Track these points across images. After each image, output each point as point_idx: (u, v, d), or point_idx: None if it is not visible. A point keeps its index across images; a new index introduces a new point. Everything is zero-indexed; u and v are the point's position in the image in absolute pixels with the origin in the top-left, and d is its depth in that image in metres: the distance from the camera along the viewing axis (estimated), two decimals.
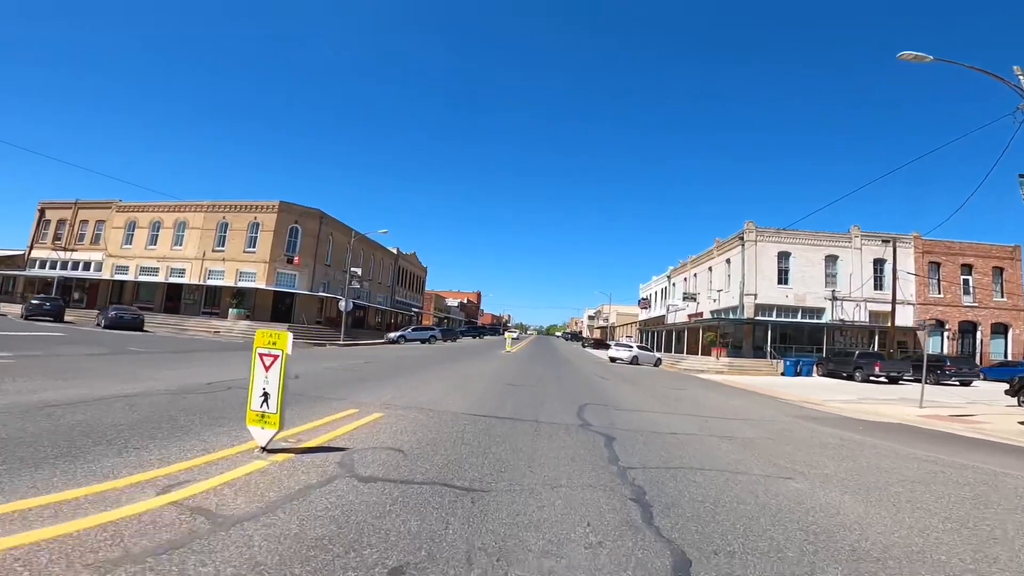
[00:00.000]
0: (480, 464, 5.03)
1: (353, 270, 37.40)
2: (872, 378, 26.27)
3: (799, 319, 36.03)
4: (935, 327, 34.72)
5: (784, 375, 29.76)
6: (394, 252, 61.36)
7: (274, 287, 38.72)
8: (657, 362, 34.12)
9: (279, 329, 5.57)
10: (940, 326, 36.96)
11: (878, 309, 36.85)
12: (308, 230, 41.00)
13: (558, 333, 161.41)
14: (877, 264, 37.47)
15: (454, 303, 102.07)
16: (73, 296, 43.93)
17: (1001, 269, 38.65)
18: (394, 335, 42.34)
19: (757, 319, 35.09)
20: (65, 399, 6.60)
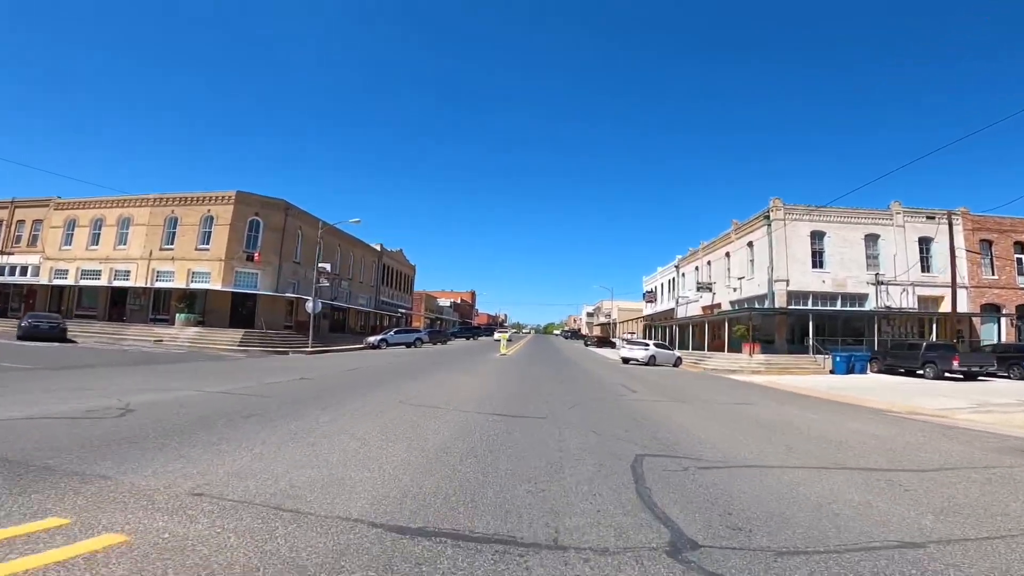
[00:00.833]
0: None
1: (321, 266, 32.37)
2: (948, 374, 21.56)
3: (839, 307, 31.20)
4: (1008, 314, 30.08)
5: (833, 373, 24.96)
6: (377, 249, 56.27)
7: (231, 288, 33.59)
8: (677, 361, 29.25)
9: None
10: (997, 311, 32.34)
11: (927, 294, 32.15)
12: (271, 223, 35.87)
13: (556, 331, 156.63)
14: (923, 243, 32.75)
15: (446, 303, 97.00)
16: (11, 304, 38.74)
17: None
18: (374, 339, 37.31)
19: (790, 308, 30.25)
20: None
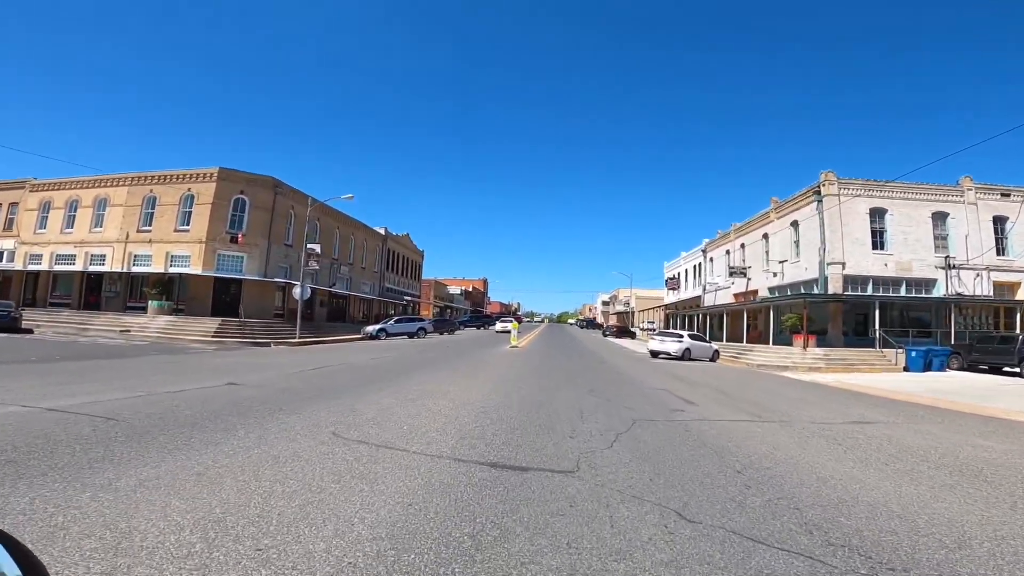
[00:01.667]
0: None
1: (310, 247, 28.91)
2: None
3: (903, 293, 27.00)
4: None
5: (907, 370, 20.96)
6: (381, 233, 52.82)
7: (213, 273, 30.32)
8: (714, 355, 25.40)
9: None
10: None
11: (1002, 279, 27.85)
12: (258, 202, 32.46)
13: (571, 320, 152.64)
14: (997, 223, 28.40)
15: (457, 291, 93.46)
16: None
17: None
18: (372, 328, 33.95)
19: (848, 295, 26.15)
20: None
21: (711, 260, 47.05)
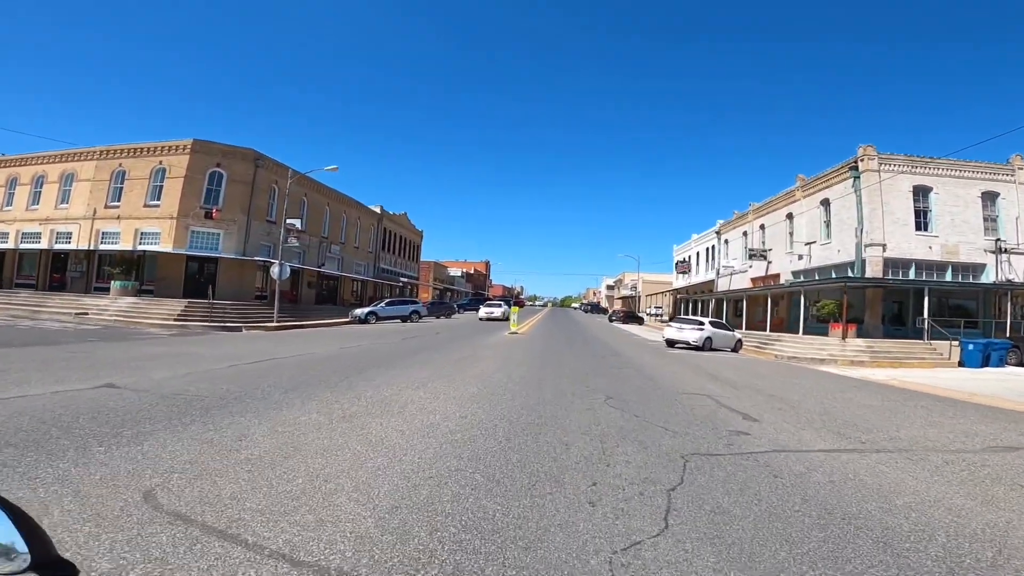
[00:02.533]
0: None
1: (290, 223, 26.24)
2: None
3: (948, 279, 24.20)
4: None
5: (963, 366, 18.33)
6: (376, 211, 50.03)
7: (186, 250, 27.75)
8: (737, 345, 22.78)
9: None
10: None
11: None
12: (237, 175, 29.74)
13: (575, 305, 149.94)
14: None
15: (458, 273, 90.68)
16: None
17: None
18: (361, 312, 31.40)
19: (894, 280, 23.39)
20: None
21: (726, 242, 44.19)
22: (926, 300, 21.52)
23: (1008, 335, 20.81)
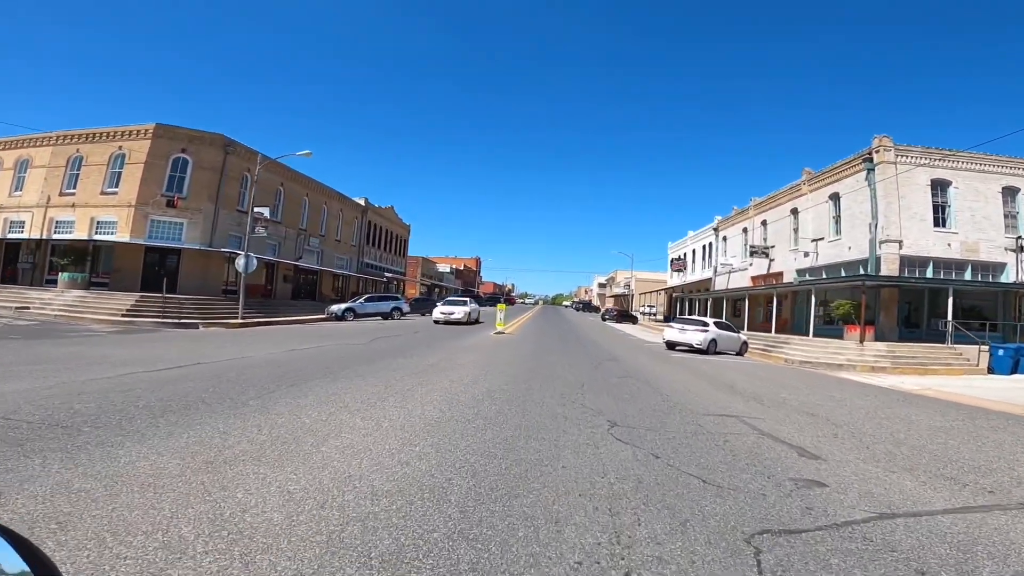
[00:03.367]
0: None
1: (257, 211, 24.11)
2: None
3: (967, 278, 22.59)
4: None
5: (992, 372, 16.67)
6: (360, 203, 47.84)
7: (144, 240, 25.53)
8: (742, 348, 21.04)
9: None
10: None
11: None
12: (204, 162, 27.53)
13: (566, 303, 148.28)
14: None
15: (447, 269, 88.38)
16: None
17: None
18: (337, 308, 29.33)
19: (911, 279, 21.73)
20: None
21: (724, 239, 42.54)
22: (950, 301, 19.86)
23: None
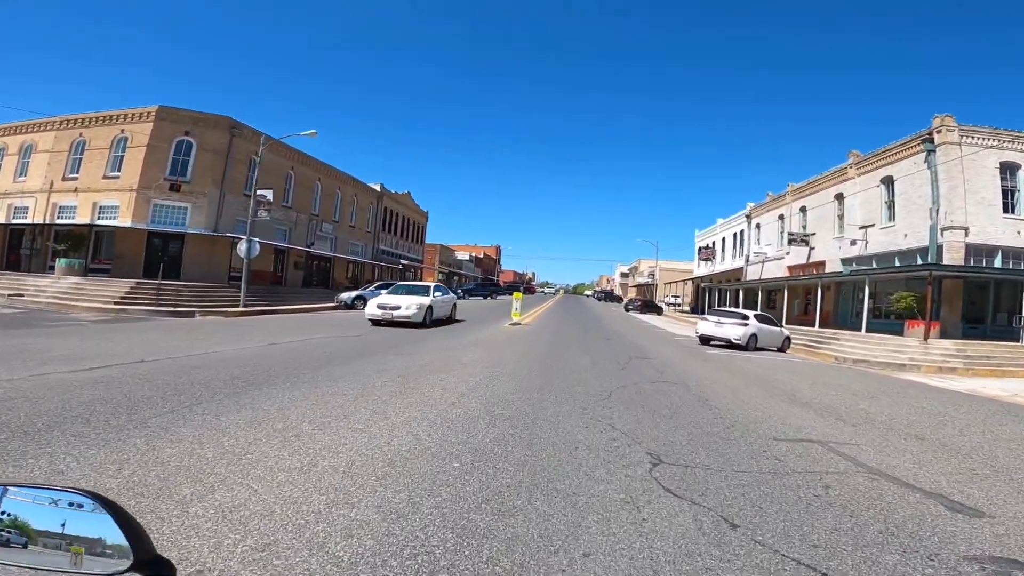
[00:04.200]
0: None
1: (260, 193, 22.72)
2: None
3: None
4: None
5: None
6: (376, 189, 46.46)
7: (146, 225, 24.47)
8: (785, 343, 18.97)
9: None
10: None
11: None
12: (208, 144, 26.32)
13: (588, 292, 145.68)
14: None
15: (466, 256, 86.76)
16: None
17: None
18: (347, 296, 27.98)
19: (977, 268, 19.31)
20: None
21: (757, 226, 39.98)
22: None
23: None
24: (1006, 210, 20.42)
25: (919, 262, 20.52)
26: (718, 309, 22.73)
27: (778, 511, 3.44)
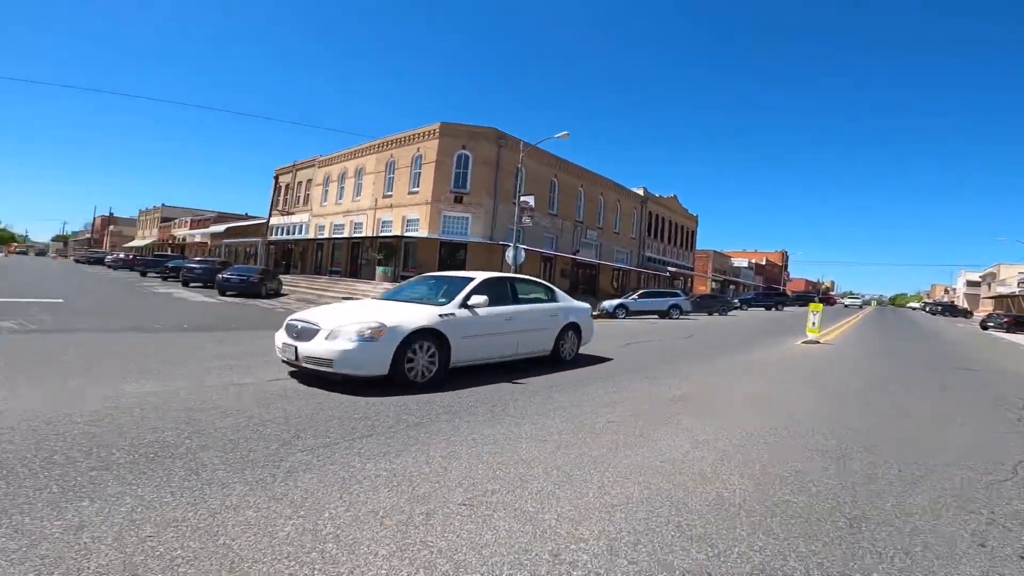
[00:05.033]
0: None
1: (524, 199, 23.27)
2: None
3: None
4: None
5: None
6: (639, 193, 44.77)
7: (438, 235, 27.86)
8: None
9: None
10: None
11: None
12: (481, 157, 28.74)
13: (913, 304, 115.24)
14: None
15: (743, 263, 77.41)
16: (293, 261, 42.23)
17: None
18: (610, 304, 26.80)
19: None
20: None
21: None
22: None
23: None
24: None
25: None
26: None
27: None
